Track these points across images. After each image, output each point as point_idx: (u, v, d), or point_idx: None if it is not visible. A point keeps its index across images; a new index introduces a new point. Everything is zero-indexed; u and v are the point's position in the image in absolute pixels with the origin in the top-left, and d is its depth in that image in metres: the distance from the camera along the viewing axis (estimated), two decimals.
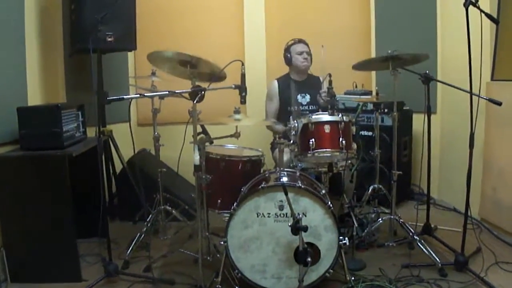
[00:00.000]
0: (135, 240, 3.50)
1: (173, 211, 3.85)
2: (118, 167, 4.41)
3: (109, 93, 2.65)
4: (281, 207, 2.80)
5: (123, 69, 4.92)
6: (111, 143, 4.20)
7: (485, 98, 3.05)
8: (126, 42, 3.99)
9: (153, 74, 3.76)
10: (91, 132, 3.62)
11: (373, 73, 5.36)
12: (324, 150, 3.18)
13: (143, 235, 3.55)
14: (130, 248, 3.42)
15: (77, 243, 3.15)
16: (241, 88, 2.86)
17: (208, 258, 3.18)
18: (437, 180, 4.45)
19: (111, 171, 4.36)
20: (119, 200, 4.44)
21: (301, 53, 4.28)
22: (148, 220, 3.66)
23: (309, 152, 3.16)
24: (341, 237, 2.81)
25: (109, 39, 3.74)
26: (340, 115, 3.20)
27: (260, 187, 2.82)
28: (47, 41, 3.90)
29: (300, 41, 4.34)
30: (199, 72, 3.00)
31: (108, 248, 3.06)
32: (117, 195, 4.47)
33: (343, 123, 3.18)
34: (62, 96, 4.10)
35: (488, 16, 2.89)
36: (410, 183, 5.03)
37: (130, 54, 4.89)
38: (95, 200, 3.19)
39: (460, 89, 3.13)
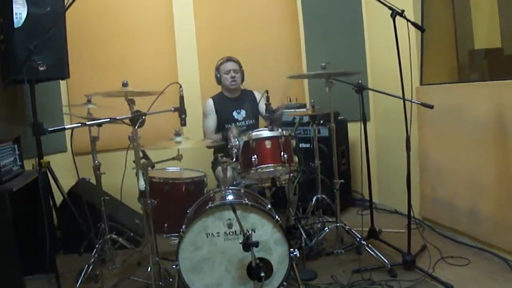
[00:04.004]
0: (84, 272, 3.38)
1: (120, 239, 3.75)
2: (58, 198, 4.27)
3: (43, 124, 2.58)
4: (230, 225, 2.80)
5: (55, 98, 4.76)
6: (49, 174, 4.07)
7: (417, 103, 3.18)
8: (59, 70, 3.87)
9: (89, 101, 3.68)
10: (27, 165, 3.50)
11: (306, 85, 5.50)
12: (267, 165, 3.21)
13: (91, 267, 3.43)
14: (80, 281, 3.30)
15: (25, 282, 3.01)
16: (181, 110, 2.85)
17: (160, 283, 3.13)
18: (376, 185, 4.58)
19: (51, 203, 4.21)
20: (62, 233, 4.28)
21: (228, 72, 4.23)
22: (95, 250, 3.56)
23: (252, 168, 3.19)
24: (291, 249, 2.85)
25: (41, 68, 3.63)
26: (280, 130, 3.26)
27: (207, 207, 2.83)
28: None
29: (228, 59, 4.29)
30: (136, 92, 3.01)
31: (58, 284, 2.95)
32: (59, 227, 4.32)
33: (283, 137, 3.24)
34: None
35: (414, 24, 3.02)
36: (350, 190, 5.16)
37: (62, 83, 4.75)
38: (37, 235, 3.08)
39: (393, 95, 3.25)
